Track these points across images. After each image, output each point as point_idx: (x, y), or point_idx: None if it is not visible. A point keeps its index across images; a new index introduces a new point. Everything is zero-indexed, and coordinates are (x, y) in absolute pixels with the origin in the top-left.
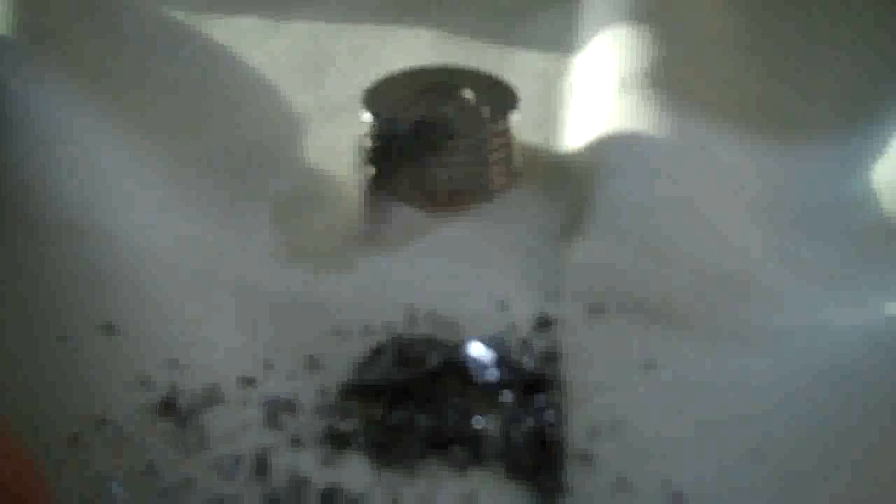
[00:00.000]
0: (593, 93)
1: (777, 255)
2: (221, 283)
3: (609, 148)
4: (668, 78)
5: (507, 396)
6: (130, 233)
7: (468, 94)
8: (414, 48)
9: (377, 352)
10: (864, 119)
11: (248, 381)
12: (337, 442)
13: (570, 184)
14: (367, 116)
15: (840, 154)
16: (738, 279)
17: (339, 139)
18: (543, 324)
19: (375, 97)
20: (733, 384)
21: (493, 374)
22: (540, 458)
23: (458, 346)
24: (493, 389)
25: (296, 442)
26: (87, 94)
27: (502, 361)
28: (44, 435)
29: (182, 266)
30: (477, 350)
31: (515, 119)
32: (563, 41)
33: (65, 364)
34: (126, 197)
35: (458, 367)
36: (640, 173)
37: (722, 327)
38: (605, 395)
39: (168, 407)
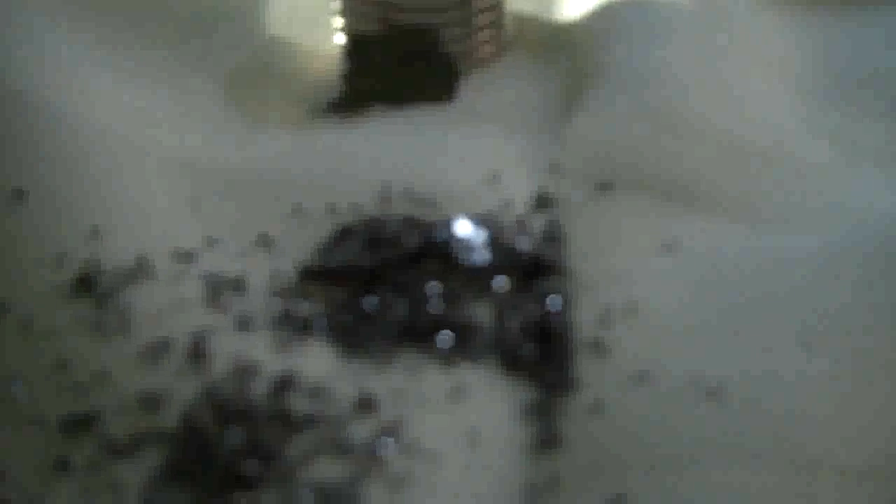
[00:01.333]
0: None
1: (813, 129)
2: (160, 153)
3: (616, 10)
4: None
5: (501, 282)
6: (57, 98)
7: None
8: None
9: (344, 233)
10: None
11: (185, 256)
12: (293, 325)
13: (569, 52)
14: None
15: (883, 22)
16: (770, 153)
17: (303, 5)
18: (543, 202)
19: None
20: (766, 268)
21: (482, 257)
22: (542, 349)
23: (442, 225)
24: (483, 274)
25: (243, 325)
26: None
27: (494, 242)
28: None
29: (115, 134)
30: (464, 229)
31: None
32: None
33: None
34: (55, 60)
35: (441, 248)
36: (653, 35)
37: (752, 206)
38: (618, 280)
39: (84, 285)
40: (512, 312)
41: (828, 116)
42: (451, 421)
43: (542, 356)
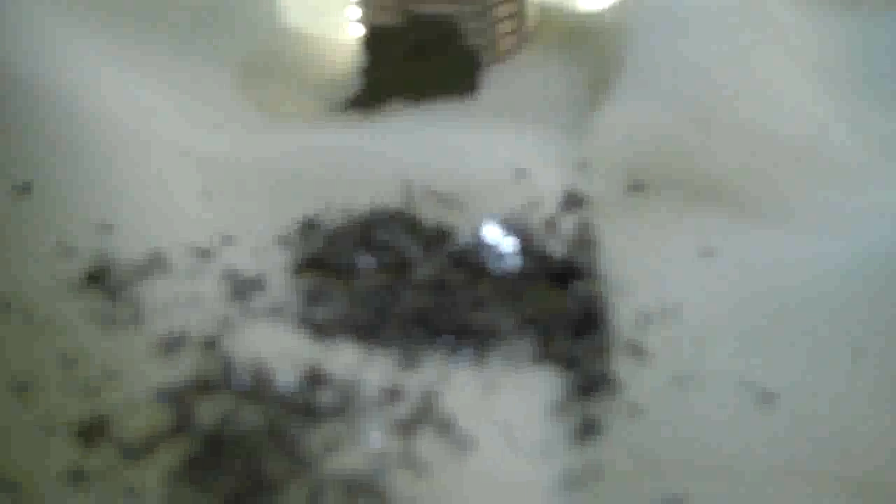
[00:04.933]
0: None
1: (847, 125)
2: (173, 148)
3: (641, 1)
4: None
5: (532, 289)
6: (66, 88)
7: None
8: None
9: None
10: None
11: (201, 252)
12: (317, 321)
13: (595, 43)
14: None
15: None
16: (805, 151)
17: None
18: (572, 201)
19: None
20: (808, 272)
21: (513, 264)
22: (578, 345)
23: (470, 230)
24: (513, 280)
25: (264, 319)
26: None
27: (525, 248)
28: None
29: (124, 126)
30: (493, 235)
31: None
32: None
33: None
34: (63, 51)
35: (470, 256)
36: (682, 27)
37: (788, 206)
38: (654, 284)
39: (94, 278)
40: (545, 313)
41: (862, 113)
42: (484, 412)
43: (578, 353)
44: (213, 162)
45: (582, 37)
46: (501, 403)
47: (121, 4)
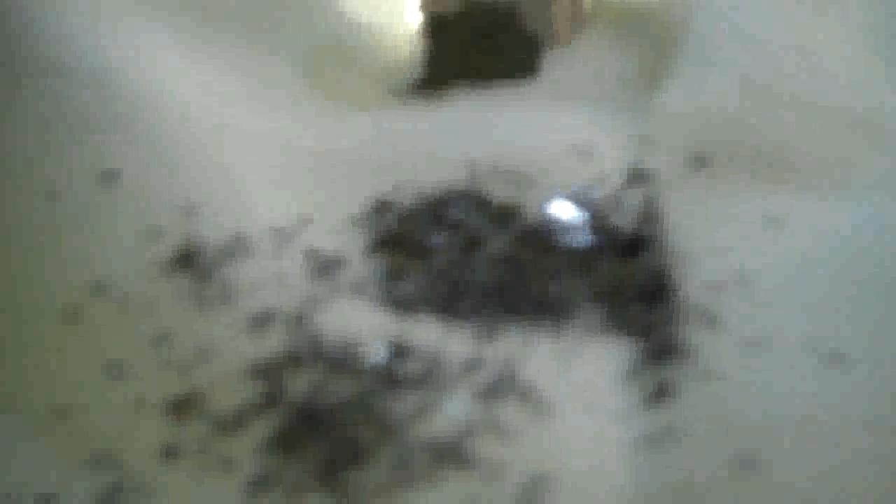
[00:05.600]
0: None
1: None
2: (247, 134)
3: None
4: None
5: (602, 262)
6: (138, 79)
7: None
8: None
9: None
10: None
11: (282, 232)
12: (399, 298)
13: (652, 22)
14: None
15: None
16: (862, 120)
17: None
18: (637, 176)
19: None
20: (875, 240)
21: (583, 238)
22: (650, 313)
23: (536, 207)
24: (583, 256)
25: (349, 294)
26: None
27: (593, 222)
28: (33, 312)
29: (197, 114)
30: (561, 210)
31: None
32: None
33: (57, 219)
34: (132, 42)
35: (539, 232)
36: (741, 6)
37: (849, 175)
38: (722, 254)
39: (183, 261)
40: (617, 283)
41: None
42: (562, 379)
43: (649, 321)
44: (285, 147)
45: (638, 17)
46: (578, 371)
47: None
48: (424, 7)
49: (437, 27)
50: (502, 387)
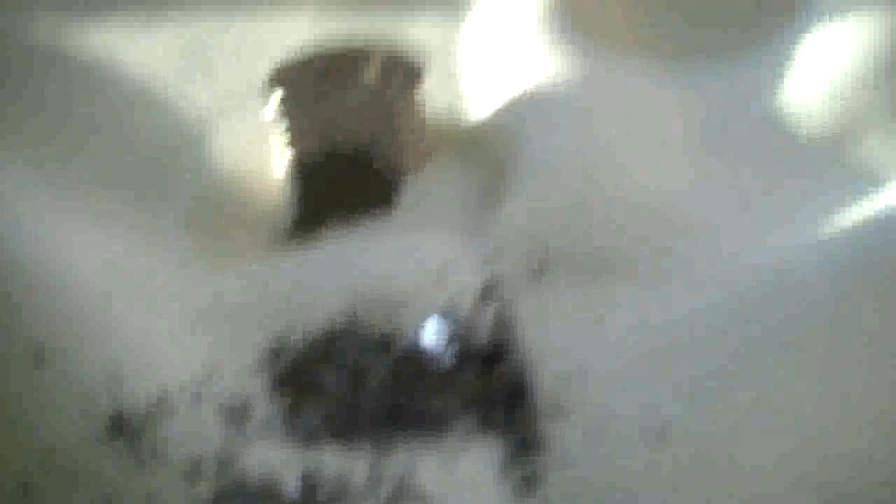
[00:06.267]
0: (495, 46)
1: (704, 186)
2: (149, 294)
3: (519, 104)
4: (569, 17)
5: (468, 374)
6: (40, 257)
7: (370, 73)
8: (300, 26)
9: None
10: (759, 40)
11: (196, 388)
12: (301, 430)
13: (488, 147)
14: (272, 103)
15: (743, 76)
16: (670, 217)
17: (242, 134)
18: (489, 292)
19: (278, 81)
20: (674, 324)
21: (448, 357)
22: (514, 413)
23: (408, 333)
24: (451, 372)
25: (259, 437)
26: None
27: (456, 341)
28: None
29: (104, 282)
30: (428, 334)
31: (422, 89)
32: None
33: (2, 399)
34: (23, 223)
35: (413, 355)
36: (557, 124)
37: (662, 270)
38: (566, 353)
39: (117, 427)
40: (483, 392)
41: (717, 171)
42: (448, 480)
43: (512, 420)
44: (184, 305)
45: (476, 142)
46: (460, 472)
47: (73, 171)
48: (292, 151)
49: (304, 172)
50: (401, 495)
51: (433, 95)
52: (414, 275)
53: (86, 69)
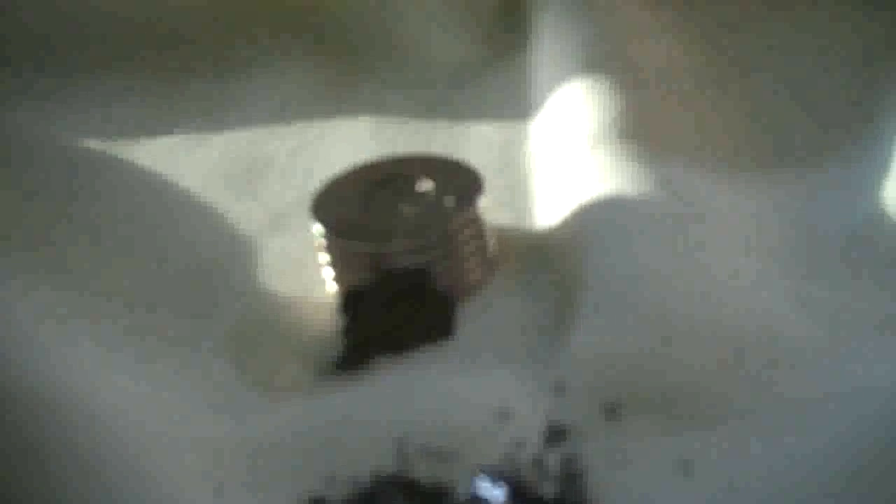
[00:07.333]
0: (559, 157)
1: (800, 305)
2: (182, 437)
3: (587, 217)
4: (636, 128)
5: None
6: (67, 397)
7: (425, 185)
8: (355, 139)
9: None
10: (854, 139)
11: None
12: None
13: (553, 263)
14: (317, 229)
15: (838, 181)
16: (765, 344)
17: (289, 252)
18: (555, 434)
19: (324, 205)
20: (780, 473)
21: None
22: None
23: (461, 488)
24: None
25: None
26: None
27: (517, 494)
28: None
29: (133, 421)
30: (484, 488)
31: (482, 203)
32: (514, 104)
33: None
34: (52, 354)
35: None
36: (629, 240)
37: (757, 408)
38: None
39: None
40: None
41: (809, 289)
42: None
43: None
44: (218, 450)
45: (541, 257)
46: None
47: (107, 284)
48: (339, 279)
49: (353, 300)
50: None
51: (494, 209)
52: (470, 415)
53: (132, 181)
